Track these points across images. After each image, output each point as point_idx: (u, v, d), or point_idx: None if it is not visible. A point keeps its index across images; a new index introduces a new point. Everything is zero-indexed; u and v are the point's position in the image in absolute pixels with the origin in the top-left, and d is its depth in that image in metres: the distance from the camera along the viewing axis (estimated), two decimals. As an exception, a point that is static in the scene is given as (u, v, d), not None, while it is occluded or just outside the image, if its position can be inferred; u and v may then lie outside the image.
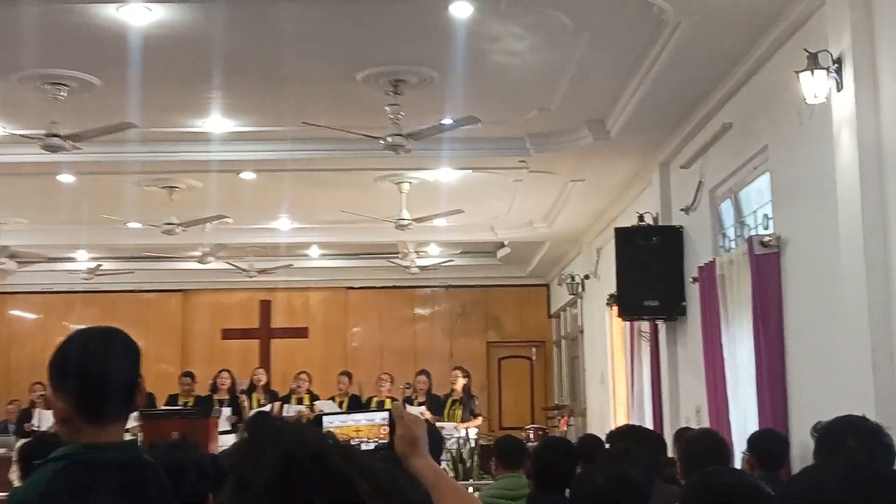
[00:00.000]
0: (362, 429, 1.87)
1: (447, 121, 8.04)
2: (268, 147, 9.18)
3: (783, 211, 6.66)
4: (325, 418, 1.86)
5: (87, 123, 7.52)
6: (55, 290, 16.11)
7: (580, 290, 13.55)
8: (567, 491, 4.54)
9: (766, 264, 6.60)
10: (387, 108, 7.47)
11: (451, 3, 6.05)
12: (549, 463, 4.34)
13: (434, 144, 8.58)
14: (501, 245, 14.89)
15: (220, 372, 12.34)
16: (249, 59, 7.05)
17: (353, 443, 1.84)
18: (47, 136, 7.34)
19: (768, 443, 5.17)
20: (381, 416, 1.92)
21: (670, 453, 6.84)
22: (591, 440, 5.95)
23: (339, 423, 1.87)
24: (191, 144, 8.99)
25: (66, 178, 10.10)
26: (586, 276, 13.10)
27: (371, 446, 1.86)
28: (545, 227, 12.76)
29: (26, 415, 11.87)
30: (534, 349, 17.04)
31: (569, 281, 13.85)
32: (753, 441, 5.20)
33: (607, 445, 5.34)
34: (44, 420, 10.75)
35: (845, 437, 3.24)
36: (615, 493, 2.98)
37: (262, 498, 0.99)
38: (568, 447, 4.73)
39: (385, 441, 1.86)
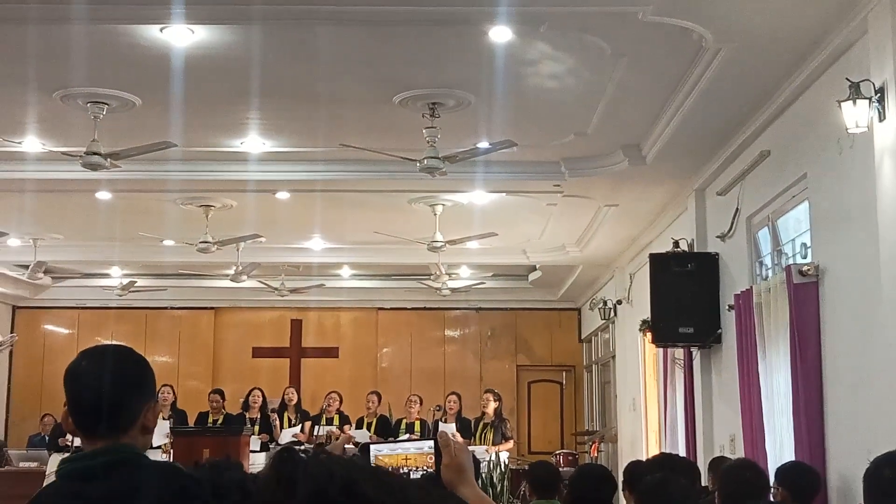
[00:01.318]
0: (411, 457, 1.86)
1: (483, 144, 8.05)
2: (303, 168, 9.22)
3: (822, 240, 6.59)
4: (373, 447, 1.85)
5: (127, 142, 7.59)
6: (89, 305, 16.25)
7: (612, 315, 13.49)
8: None
9: (805, 293, 6.54)
10: (423, 130, 7.49)
11: (491, 28, 6.07)
12: (586, 491, 4.31)
13: (469, 167, 8.59)
14: (533, 268, 14.86)
15: (253, 390, 12.38)
16: (287, 81, 7.11)
17: (402, 472, 1.84)
18: (87, 153, 7.41)
19: (798, 475, 5.13)
20: (428, 445, 1.91)
21: (703, 482, 6.79)
22: (636, 466, 5.90)
23: (387, 452, 1.87)
24: (228, 164, 9.05)
25: (104, 195, 10.20)
26: (619, 302, 13.04)
27: (419, 475, 1.85)
28: (577, 252, 12.73)
29: (59, 430, 11.96)
30: (564, 373, 16.96)
31: (601, 306, 13.79)
32: (783, 474, 5.16)
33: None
34: (77, 436, 10.79)
35: (883, 468, 3.26)
36: None
37: None
38: (604, 475, 4.70)
39: (431, 470, 1.85)
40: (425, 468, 1.89)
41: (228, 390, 13.02)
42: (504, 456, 11.01)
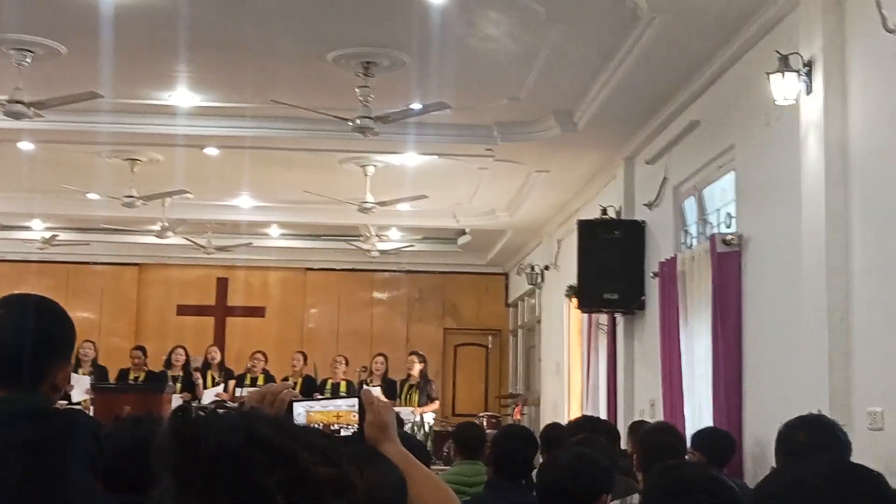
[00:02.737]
0: (342, 414, 1.86)
1: (416, 105, 8.01)
2: (233, 123, 9.09)
3: (746, 210, 6.73)
4: (304, 404, 1.85)
5: (52, 92, 7.39)
6: (8, 258, 15.85)
7: (539, 280, 13.60)
8: (524, 480, 4.58)
9: (727, 262, 6.68)
10: (357, 89, 7.43)
11: (428, -13, 6.03)
12: (509, 450, 4.36)
13: (401, 128, 8.56)
14: (462, 232, 14.89)
15: (175, 348, 12.24)
16: (218, 33, 6.98)
17: (333, 428, 1.84)
18: (9, 101, 7.21)
19: (714, 440, 5.26)
20: (349, 403, 1.92)
21: (623, 445, 6.92)
22: (554, 429, 5.99)
23: (319, 409, 1.86)
24: (155, 117, 8.87)
25: (27, 145, 9.94)
26: (546, 267, 13.16)
27: (349, 432, 1.86)
28: (507, 217, 12.79)
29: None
30: (490, 337, 17.10)
31: (528, 271, 13.90)
32: (700, 438, 5.28)
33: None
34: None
35: (797, 430, 3.37)
36: (580, 475, 2.99)
37: (209, 493, 0.96)
38: (528, 435, 4.75)
39: (356, 427, 1.86)
40: (350, 426, 1.90)
41: (151, 348, 12.84)
42: (428, 417, 11.08)
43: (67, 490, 2.03)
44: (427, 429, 10.79)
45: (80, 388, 10.46)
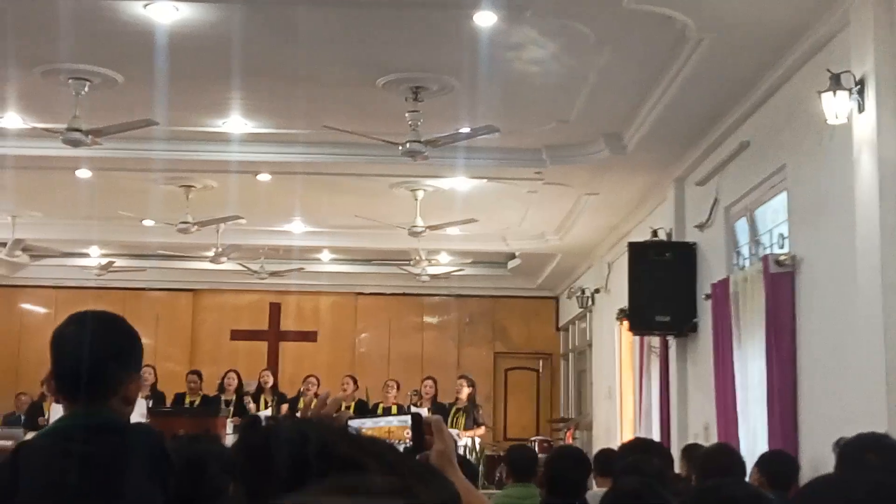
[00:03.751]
0: (394, 430, 1.88)
1: (466, 129, 8.06)
2: (285, 149, 9.22)
3: (799, 230, 6.66)
4: (355, 421, 1.87)
5: (108, 119, 7.56)
6: (67, 285, 16.15)
7: (590, 303, 13.55)
8: (576, 502, 4.56)
9: (781, 283, 6.61)
10: (406, 114, 7.50)
11: (476, 12, 6.08)
12: (562, 471, 4.35)
13: (450, 152, 8.61)
14: (512, 256, 14.90)
15: (228, 372, 12.37)
16: (270, 61, 7.10)
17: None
18: (68, 130, 7.38)
19: (779, 463, 5.17)
20: (401, 419, 1.94)
21: (677, 469, 6.84)
22: (607, 453, 5.95)
23: (371, 426, 1.88)
24: (209, 144, 9.04)
25: (84, 173, 10.15)
26: (596, 290, 13.10)
27: (401, 447, 1.87)
28: (557, 240, 12.77)
29: (36, 408, 11.91)
30: (540, 361, 17.04)
31: (579, 294, 13.85)
32: (764, 460, 5.20)
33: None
34: (54, 413, 10.78)
35: (865, 451, 3.27)
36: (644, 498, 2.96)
37: (278, 499, 0.97)
38: (580, 456, 4.74)
39: (408, 443, 1.87)
40: (403, 442, 1.92)
41: (206, 373, 12.98)
42: (476, 441, 11.06)
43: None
44: (479, 452, 10.76)
45: (137, 411, 10.52)
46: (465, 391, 11.75)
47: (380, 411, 11.91)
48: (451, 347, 16.84)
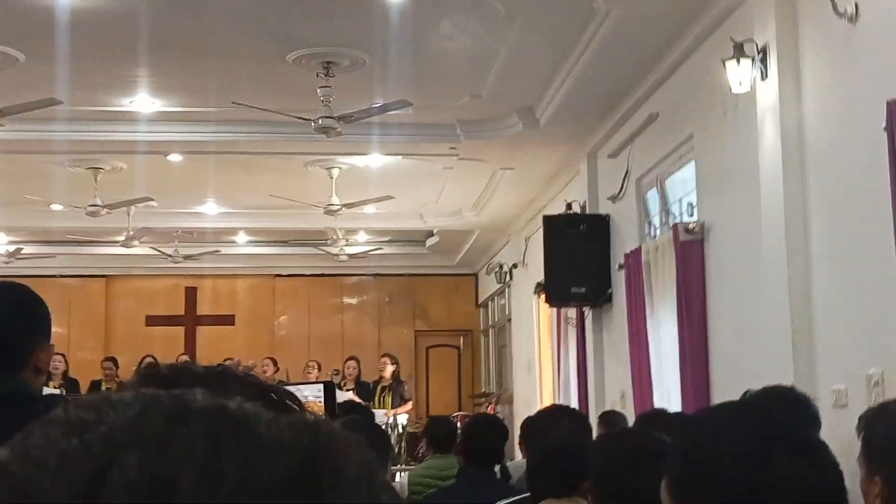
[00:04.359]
0: (306, 404, 1.88)
1: (378, 103, 8.03)
2: (195, 129, 9.06)
3: (707, 199, 6.80)
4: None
5: (10, 99, 7.34)
6: (-28, 274, 15.69)
7: (508, 278, 13.65)
8: (497, 467, 4.61)
9: (691, 251, 6.74)
10: (318, 90, 7.43)
11: (385, -16, 6.05)
12: (479, 439, 4.38)
13: (365, 129, 8.57)
14: (430, 234, 14.92)
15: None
16: (177, 37, 6.96)
17: None
18: (-33, 111, 7.16)
19: (658, 423, 5.25)
20: (315, 391, 1.94)
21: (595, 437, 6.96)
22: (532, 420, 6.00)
23: None
24: (117, 124, 8.83)
25: (-14, 156, 9.85)
26: (514, 265, 13.21)
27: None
28: (474, 216, 12.83)
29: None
30: (461, 338, 17.14)
31: (497, 270, 13.94)
32: (643, 422, 5.25)
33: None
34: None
35: (877, 426, 3.33)
36: (568, 455, 2.99)
37: None
38: (497, 424, 4.79)
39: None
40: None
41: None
42: (402, 418, 11.10)
43: None
44: (401, 430, 10.81)
45: (49, 400, 10.38)
46: (389, 369, 11.79)
47: (301, 392, 11.87)
48: (372, 327, 16.83)
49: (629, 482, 2.03)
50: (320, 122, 7.43)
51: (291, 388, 1.96)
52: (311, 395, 1.93)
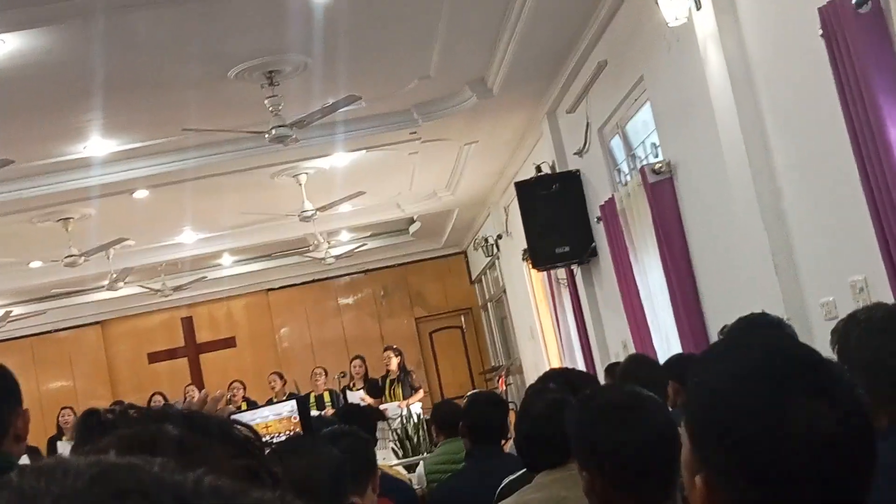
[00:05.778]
0: (271, 424, 1.86)
1: (328, 103, 7.97)
2: (155, 161, 9.01)
3: (668, 136, 6.79)
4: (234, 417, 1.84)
5: (-38, 168, 7.30)
6: (-33, 344, 15.63)
7: (496, 250, 13.64)
8: (502, 442, 4.59)
9: (662, 190, 6.73)
10: (265, 101, 7.38)
11: (308, -16, 6.00)
12: (479, 417, 4.37)
13: (323, 131, 8.53)
14: (411, 221, 14.89)
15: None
16: (116, 75, 6.89)
17: (265, 440, 1.83)
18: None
19: (683, 366, 5.26)
20: (287, 408, 1.91)
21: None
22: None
23: (260, 420, 1.86)
24: (76, 172, 8.78)
25: (-46, 228, 9.81)
26: (499, 236, 13.19)
27: (282, 439, 1.85)
28: (450, 195, 12.80)
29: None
30: (462, 317, 17.14)
31: (483, 244, 13.93)
32: (668, 368, 5.27)
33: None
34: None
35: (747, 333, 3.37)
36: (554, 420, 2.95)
37: None
38: (496, 399, 4.77)
39: (293, 433, 1.85)
40: (287, 432, 1.89)
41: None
42: (416, 408, 11.09)
43: None
44: (416, 419, 10.80)
45: (65, 453, 10.36)
46: (394, 361, 11.78)
47: (312, 400, 11.85)
48: (372, 323, 16.82)
49: (605, 441, 2.02)
50: (273, 132, 7.38)
51: (265, 410, 1.95)
52: (285, 412, 1.90)
